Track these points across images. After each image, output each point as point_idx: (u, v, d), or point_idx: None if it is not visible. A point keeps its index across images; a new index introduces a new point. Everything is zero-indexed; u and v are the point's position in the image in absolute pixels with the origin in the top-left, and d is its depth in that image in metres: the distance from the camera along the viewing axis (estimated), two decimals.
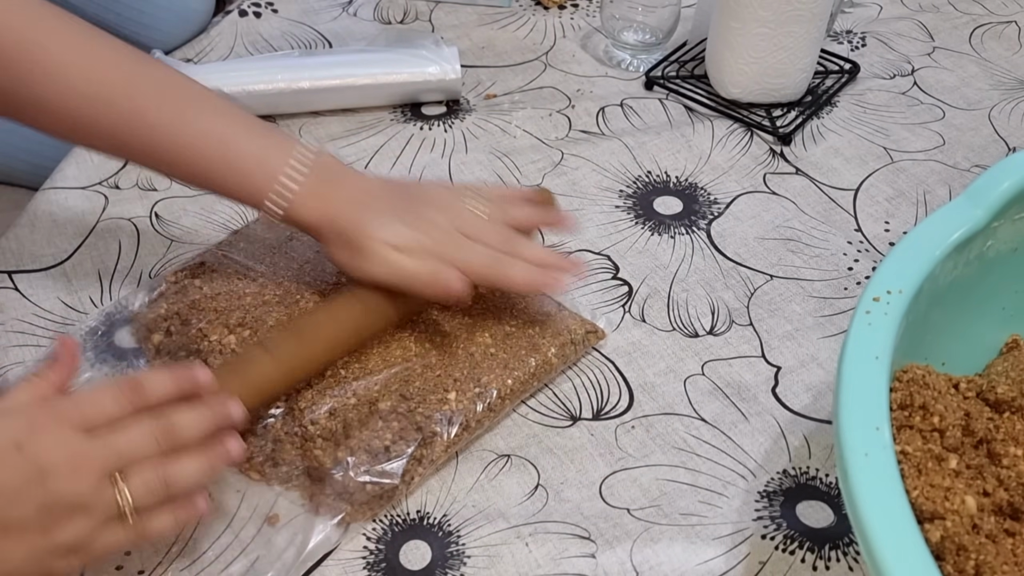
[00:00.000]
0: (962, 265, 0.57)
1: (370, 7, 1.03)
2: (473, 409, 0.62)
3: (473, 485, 0.62)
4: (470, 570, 0.57)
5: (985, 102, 0.93)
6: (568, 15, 1.03)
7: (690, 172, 0.85)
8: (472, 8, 1.03)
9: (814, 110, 0.91)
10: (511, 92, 0.93)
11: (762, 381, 0.68)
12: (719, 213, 0.81)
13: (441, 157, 0.85)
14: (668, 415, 0.66)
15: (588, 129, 0.89)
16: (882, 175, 0.85)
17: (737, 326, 0.72)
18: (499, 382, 0.64)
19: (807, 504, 0.61)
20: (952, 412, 0.52)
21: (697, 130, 0.89)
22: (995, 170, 0.58)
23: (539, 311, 0.69)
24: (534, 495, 0.61)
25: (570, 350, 0.68)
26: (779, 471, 0.63)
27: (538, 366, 0.65)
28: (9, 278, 0.73)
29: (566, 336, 0.68)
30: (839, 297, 0.74)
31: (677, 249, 0.78)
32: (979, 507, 0.49)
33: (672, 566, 0.58)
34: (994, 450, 0.53)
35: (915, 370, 0.53)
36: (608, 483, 0.62)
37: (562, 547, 0.59)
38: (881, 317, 0.50)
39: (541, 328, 0.67)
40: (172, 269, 0.73)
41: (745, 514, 0.61)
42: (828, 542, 0.59)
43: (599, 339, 0.70)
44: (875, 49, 0.99)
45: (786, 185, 0.84)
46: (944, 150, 0.88)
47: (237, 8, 1.01)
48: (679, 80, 0.94)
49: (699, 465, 0.63)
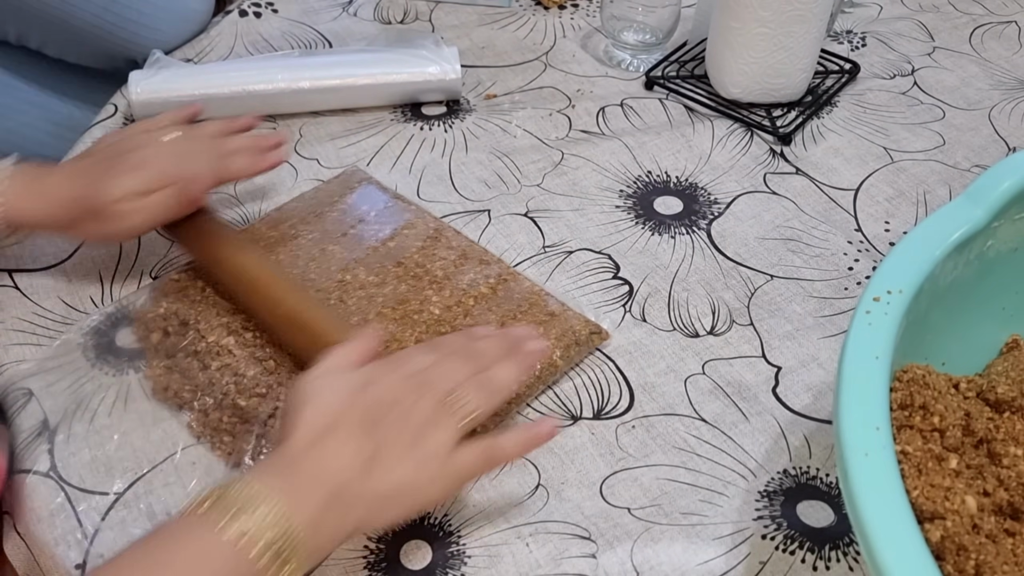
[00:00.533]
0: (962, 265, 0.57)
1: (370, 7, 1.03)
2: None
3: (474, 484, 0.62)
4: (471, 570, 0.57)
5: (985, 102, 0.93)
6: (568, 15, 1.03)
7: (690, 172, 0.85)
8: (472, 8, 1.03)
9: (814, 110, 0.91)
10: (511, 92, 0.93)
11: (762, 381, 0.68)
12: (719, 213, 0.81)
13: (441, 157, 0.85)
14: (669, 415, 0.66)
15: (588, 129, 0.89)
16: (882, 175, 0.85)
17: (738, 326, 0.72)
18: None
19: (807, 504, 0.61)
20: (952, 412, 0.52)
21: (697, 130, 0.89)
22: (995, 170, 0.58)
23: (544, 312, 0.69)
24: (535, 495, 0.61)
25: (575, 351, 0.68)
26: (779, 471, 0.63)
27: (543, 369, 0.65)
28: (9, 276, 0.73)
29: (570, 337, 0.68)
30: (839, 297, 0.74)
31: (677, 249, 0.78)
32: (979, 507, 0.49)
33: (672, 566, 0.58)
34: (994, 450, 0.53)
35: (915, 370, 0.53)
36: (609, 483, 0.62)
37: (563, 547, 0.59)
38: (881, 317, 0.50)
39: (546, 329, 0.67)
40: (174, 269, 0.73)
41: (745, 514, 0.61)
42: (828, 542, 0.59)
43: (603, 340, 0.70)
44: (875, 49, 0.99)
45: (786, 185, 0.84)
46: (944, 150, 0.88)
47: (237, 8, 1.01)
48: (679, 80, 0.94)
49: (699, 465, 0.63)
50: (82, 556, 0.58)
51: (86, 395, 0.66)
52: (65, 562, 0.58)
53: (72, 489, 0.61)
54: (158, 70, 0.86)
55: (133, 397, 0.66)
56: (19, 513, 0.61)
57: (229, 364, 0.64)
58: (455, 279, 0.71)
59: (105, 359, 0.68)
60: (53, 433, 0.64)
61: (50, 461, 0.62)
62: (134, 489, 0.61)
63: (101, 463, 0.62)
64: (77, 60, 1.03)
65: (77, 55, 1.03)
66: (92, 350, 0.69)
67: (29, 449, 0.63)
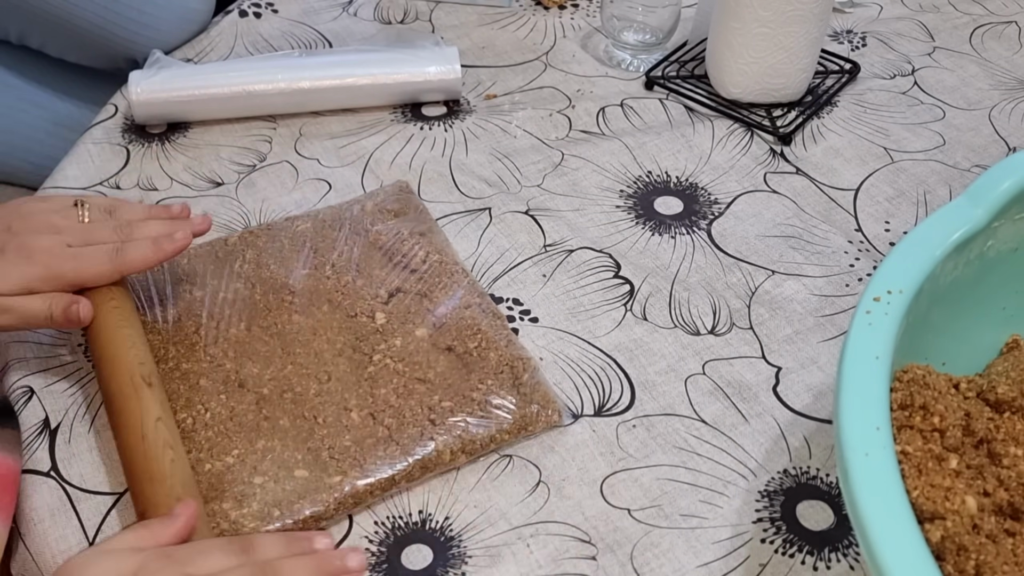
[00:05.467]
0: (962, 265, 0.57)
1: (370, 7, 1.03)
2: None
3: (475, 484, 0.62)
4: (471, 570, 0.57)
5: (985, 102, 0.93)
6: (568, 15, 1.03)
7: (690, 172, 0.85)
8: (472, 8, 1.03)
9: (814, 110, 0.91)
10: (511, 92, 0.93)
11: (763, 381, 0.68)
12: (720, 213, 0.81)
13: (441, 156, 0.85)
14: (669, 415, 0.66)
15: (588, 129, 0.89)
16: (882, 175, 0.85)
17: (738, 327, 0.72)
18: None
19: (808, 504, 0.61)
20: (952, 412, 0.52)
21: (697, 130, 0.89)
22: (995, 170, 0.58)
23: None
24: (535, 493, 0.61)
25: (513, 435, 0.64)
26: (779, 471, 0.63)
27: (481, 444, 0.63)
28: None
29: (520, 423, 0.64)
30: (840, 297, 0.74)
31: (678, 249, 0.78)
32: (979, 507, 0.49)
33: (672, 567, 0.58)
34: (994, 450, 0.53)
35: (915, 370, 0.53)
36: (609, 482, 0.62)
37: (563, 548, 0.59)
38: (881, 317, 0.50)
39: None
40: None
41: (745, 515, 0.61)
42: (828, 543, 0.59)
43: (548, 424, 0.65)
44: (875, 49, 0.99)
45: (786, 185, 0.84)
46: (944, 150, 0.88)
47: (237, 8, 1.01)
48: (679, 80, 0.94)
49: (699, 465, 0.63)
50: None
51: (88, 395, 0.66)
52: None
53: (73, 489, 0.61)
54: (158, 70, 0.86)
55: None
56: (19, 512, 0.61)
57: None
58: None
59: None
60: (54, 432, 0.64)
61: (51, 461, 0.62)
62: None
63: (102, 463, 0.62)
64: (77, 60, 1.03)
65: (77, 55, 1.03)
66: None
67: (30, 448, 0.63)
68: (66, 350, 0.69)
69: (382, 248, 0.74)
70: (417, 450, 0.61)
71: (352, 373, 0.65)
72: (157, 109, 0.86)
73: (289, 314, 0.69)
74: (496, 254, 0.77)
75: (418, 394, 0.64)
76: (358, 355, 0.66)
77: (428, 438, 0.61)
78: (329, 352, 0.67)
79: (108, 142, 0.86)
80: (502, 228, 0.79)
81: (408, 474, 0.60)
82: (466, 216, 0.80)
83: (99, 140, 0.86)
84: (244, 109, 0.88)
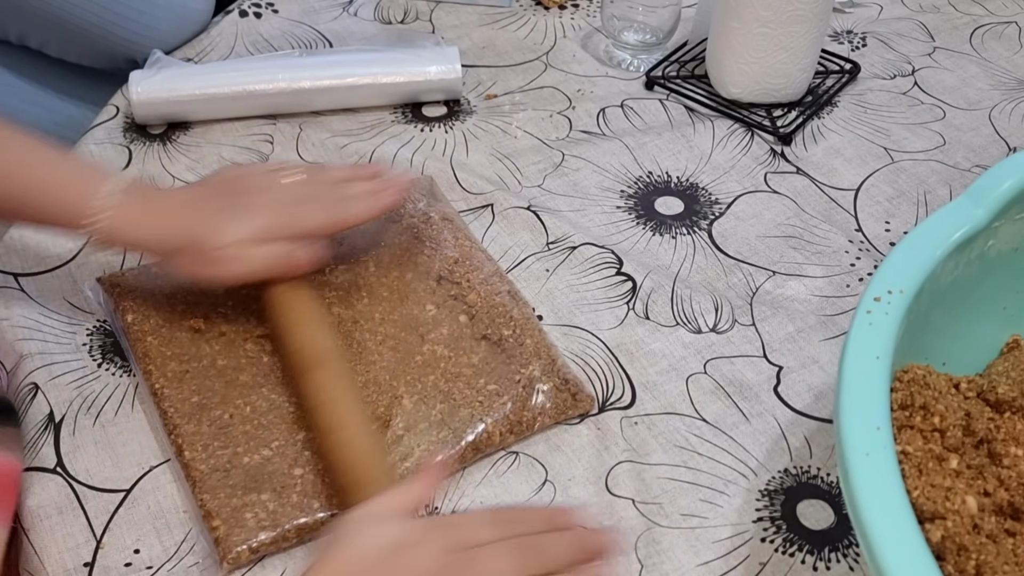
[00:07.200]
0: (963, 265, 0.57)
1: (370, 7, 1.03)
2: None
3: (482, 480, 0.62)
4: None
5: (985, 102, 0.93)
6: (568, 15, 1.03)
7: (691, 172, 0.85)
8: (472, 8, 1.03)
9: (814, 110, 0.91)
10: (511, 92, 0.93)
11: (764, 380, 0.68)
12: (720, 213, 0.81)
13: (442, 156, 0.85)
14: (670, 415, 0.66)
15: (589, 130, 0.89)
16: (882, 175, 0.85)
17: (739, 326, 0.72)
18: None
19: (808, 503, 0.62)
20: (953, 412, 0.52)
21: (698, 130, 0.89)
22: (996, 170, 0.59)
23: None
24: (540, 492, 0.62)
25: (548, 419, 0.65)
26: (780, 470, 0.63)
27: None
28: (15, 280, 0.73)
29: (557, 407, 0.65)
30: (840, 296, 0.74)
31: (679, 249, 0.78)
32: (980, 507, 0.49)
33: (673, 565, 0.58)
34: (995, 450, 0.53)
35: (916, 370, 0.53)
36: (614, 472, 0.62)
37: None
38: (882, 317, 0.51)
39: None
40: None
41: (746, 514, 0.61)
42: (828, 542, 0.59)
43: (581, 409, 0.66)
44: (875, 49, 0.99)
45: (787, 185, 0.84)
46: (944, 150, 0.88)
47: (237, 8, 1.01)
48: (679, 80, 0.94)
49: (700, 464, 0.64)
50: (91, 554, 0.58)
51: (92, 392, 0.66)
52: (74, 559, 0.58)
53: (79, 486, 0.61)
54: (158, 70, 0.86)
55: (141, 398, 0.66)
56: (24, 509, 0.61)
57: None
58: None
59: (113, 360, 0.68)
60: (59, 427, 0.64)
61: (56, 456, 0.63)
62: (141, 485, 0.61)
63: (108, 458, 0.63)
64: (78, 60, 1.03)
65: (78, 55, 1.03)
66: (98, 351, 0.69)
67: (35, 445, 0.63)
68: (71, 347, 0.69)
69: (417, 235, 0.74)
70: (468, 433, 0.62)
71: (400, 362, 0.66)
72: (158, 109, 0.86)
73: (327, 306, 0.69)
74: (499, 251, 0.77)
75: (464, 377, 0.65)
76: (404, 344, 0.67)
77: (478, 420, 0.63)
78: (372, 342, 0.67)
79: (110, 142, 0.86)
80: (505, 226, 0.79)
81: (462, 456, 0.62)
82: (469, 215, 0.80)
83: (101, 140, 0.86)
84: (244, 109, 0.88)
